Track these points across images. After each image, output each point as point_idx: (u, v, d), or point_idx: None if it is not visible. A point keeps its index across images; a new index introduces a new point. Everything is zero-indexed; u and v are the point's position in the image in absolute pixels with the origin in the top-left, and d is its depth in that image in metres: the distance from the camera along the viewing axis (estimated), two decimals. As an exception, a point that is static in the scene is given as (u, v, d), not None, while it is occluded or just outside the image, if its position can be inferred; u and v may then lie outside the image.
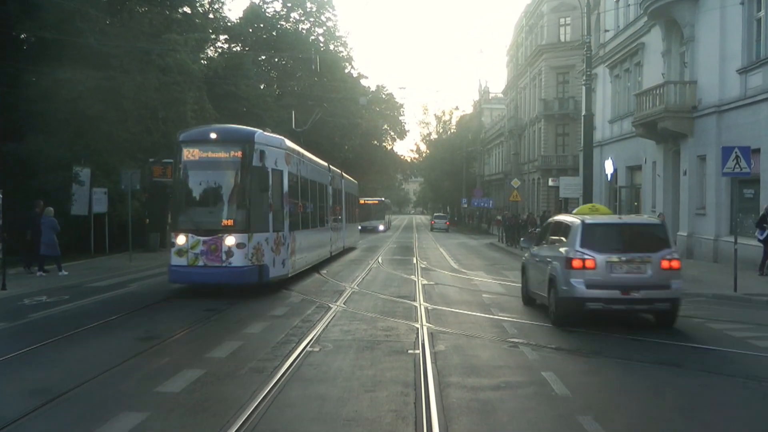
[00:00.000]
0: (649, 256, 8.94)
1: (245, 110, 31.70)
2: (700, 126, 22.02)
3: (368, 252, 26.94)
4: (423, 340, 8.19)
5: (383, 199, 59.06)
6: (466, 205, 57.27)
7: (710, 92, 21.33)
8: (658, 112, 23.31)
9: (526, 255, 12.27)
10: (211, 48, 37.63)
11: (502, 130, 64.99)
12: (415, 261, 21.92)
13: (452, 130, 72.27)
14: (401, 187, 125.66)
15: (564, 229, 9.92)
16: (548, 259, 9.90)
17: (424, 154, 78.61)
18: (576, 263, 8.89)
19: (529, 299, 11.39)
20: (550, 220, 12.09)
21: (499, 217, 36.43)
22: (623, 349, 8.00)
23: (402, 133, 74.90)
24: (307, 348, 7.74)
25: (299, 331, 8.83)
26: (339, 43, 49.14)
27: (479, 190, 52.03)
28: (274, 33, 44.77)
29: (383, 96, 71.54)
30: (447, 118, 73.00)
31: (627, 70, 30.97)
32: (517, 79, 56.17)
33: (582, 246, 8.99)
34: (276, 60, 46.52)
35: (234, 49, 42.17)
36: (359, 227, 50.04)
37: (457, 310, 10.86)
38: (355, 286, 14.22)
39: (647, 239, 9.41)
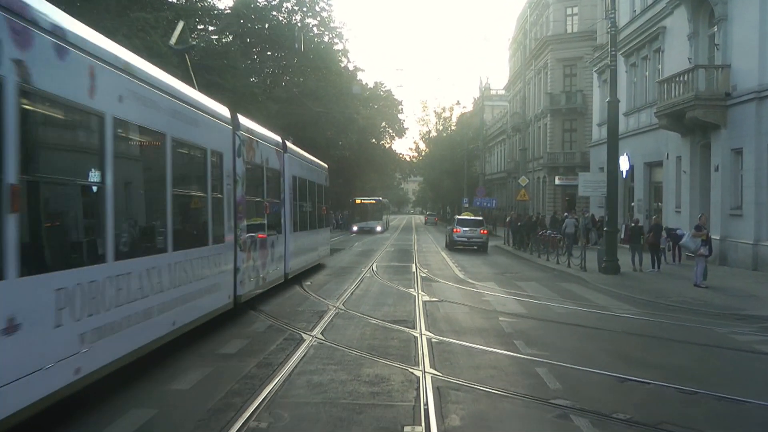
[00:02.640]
0: (476, 228, 27.68)
1: (231, 103, 29.10)
2: (735, 115, 19.53)
3: (362, 257, 24.29)
4: (427, 403, 5.56)
5: (381, 198, 56.29)
6: (467, 205, 54.71)
7: (748, 77, 18.85)
8: (686, 100, 20.83)
9: (447, 229, 31.79)
10: (196, 37, 35.01)
11: (504, 127, 62.37)
12: (414, 269, 19.25)
13: (452, 128, 69.65)
14: (400, 186, 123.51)
15: (454, 220, 30.86)
16: (450, 229, 29.84)
17: (423, 153, 75.93)
18: (455, 230, 27.84)
19: (446, 245, 29.48)
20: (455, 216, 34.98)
21: (508, 218, 33.91)
22: (723, 421, 5.38)
23: (401, 131, 72.46)
24: (251, 422, 5.10)
25: (249, 385, 6.16)
26: (334, 35, 46.43)
27: (482, 189, 49.20)
28: (266, 25, 42.13)
29: (381, 93, 69.00)
30: (447, 114, 70.31)
31: (645, 57, 28.45)
32: (521, 73, 53.59)
33: (456, 225, 28.51)
34: (269, 53, 44.02)
35: (223, 40, 39.57)
36: (355, 228, 47.73)
37: (470, 344, 8.19)
38: (341, 305, 11.53)
39: (477, 223, 28.60)
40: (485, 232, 28.17)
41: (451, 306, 11.64)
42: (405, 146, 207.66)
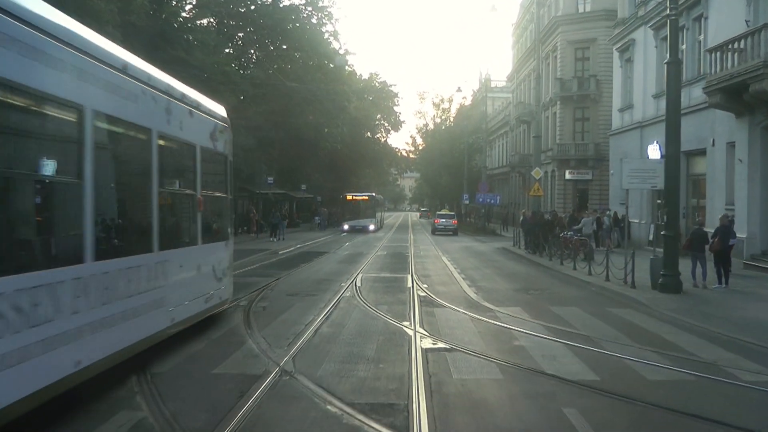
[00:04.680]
0: (449, 220, 43.69)
1: (203, 78, 24.78)
2: (816, 87, 15.29)
3: (347, 264, 19.89)
4: None
5: (374, 194, 51.68)
6: (467, 202, 50.34)
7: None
8: (750, 69, 16.64)
9: (431, 221, 55.12)
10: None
11: (507, 119, 57.99)
12: (410, 283, 14.86)
13: (451, 119, 65.18)
14: (396, 182, 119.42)
15: (436, 215, 49.35)
16: (433, 220, 50.82)
17: (420, 147, 71.38)
18: (436, 221, 44.98)
19: (431, 231, 44.35)
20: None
21: (522, 217, 29.57)
22: None
23: (397, 124, 68.32)
24: None
25: None
26: (323, 14, 41.98)
27: (485, 184, 44.72)
28: (252, 6, 37.79)
29: (376, 84, 64.76)
30: (446, 105, 65.71)
31: (681, 27, 24.05)
32: (528, 58, 49.24)
33: (437, 217, 46.14)
34: (255, 38, 39.77)
35: (197, 22, 35.15)
36: (345, 227, 43.23)
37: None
38: (290, 361, 7.11)
39: (451, 217, 44.90)
40: (455, 222, 43.31)
41: (468, 362, 7.18)
42: (401, 141, 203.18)
